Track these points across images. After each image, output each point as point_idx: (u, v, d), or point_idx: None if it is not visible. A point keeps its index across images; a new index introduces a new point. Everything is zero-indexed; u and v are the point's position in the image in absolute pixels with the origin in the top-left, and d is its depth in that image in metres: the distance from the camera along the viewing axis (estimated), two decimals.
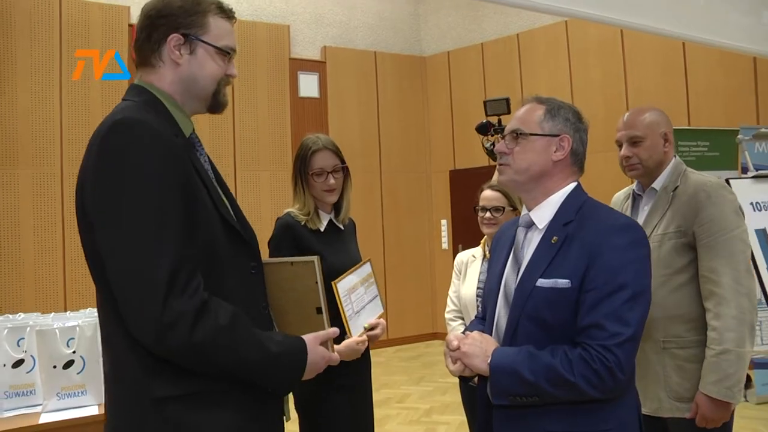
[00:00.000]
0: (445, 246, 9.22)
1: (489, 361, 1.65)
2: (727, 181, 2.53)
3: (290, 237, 2.50)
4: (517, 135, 1.77)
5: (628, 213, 2.61)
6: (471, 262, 3.09)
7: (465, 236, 8.30)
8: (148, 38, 1.63)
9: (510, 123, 1.84)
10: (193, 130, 1.69)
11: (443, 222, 9.29)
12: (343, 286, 2.35)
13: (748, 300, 2.32)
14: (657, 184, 2.52)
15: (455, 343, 1.73)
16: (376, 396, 6.25)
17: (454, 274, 3.18)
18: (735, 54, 5.19)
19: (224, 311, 1.49)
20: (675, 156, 2.57)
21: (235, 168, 7.91)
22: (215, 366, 1.49)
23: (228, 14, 1.70)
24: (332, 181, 2.57)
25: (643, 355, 2.36)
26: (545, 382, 1.58)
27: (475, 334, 1.74)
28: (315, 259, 1.77)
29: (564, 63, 7.95)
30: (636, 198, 2.63)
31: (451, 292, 3.17)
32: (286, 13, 8.59)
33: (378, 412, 5.85)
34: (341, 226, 2.67)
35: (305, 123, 8.50)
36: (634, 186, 2.66)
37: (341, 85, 8.86)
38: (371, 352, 2.69)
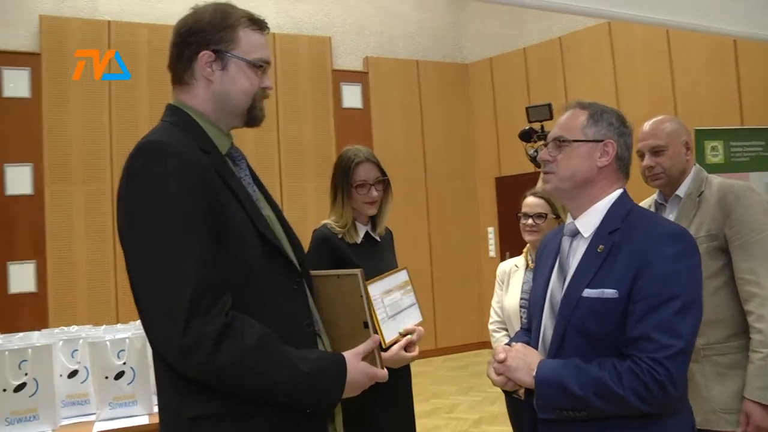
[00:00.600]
0: (492, 254, 9.14)
1: (534, 374, 1.61)
2: None
3: (327, 249, 2.50)
4: (560, 142, 1.74)
5: None
6: (513, 271, 3.04)
7: (512, 244, 8.20)
8: (180, 56, 1.61)
9: (553, 130, 1.80)
10: (232, 144, 1.67)
11: (490, 230, 9.21)
12: (376, 289, 2.32)
13: None
14: (681, 192, 2.50)
15: (502, 355, 1.69)
16: (425, 406, 6.25)
17: (496, 285, 3.13)
18: None
19: (251, 331, 1.44)
20: (695, 163, 2.55)
21: (280, 179, 8.00)
22: (243, 388, 1.45)
23: (260, 26, 1.67)
24: (375, 193, 2.56)
25: None
26: (593, 395, 1.53)
27: (519, 346, 1.71)
28: (359, 272, 1.73)
29: (608, 65, 7.82)
30: (659, 207, 2.60)
31: (494, 303, 3.12)
32: (327, 25, 8.67)
33: (427, 422, 5.85)
34: (378, 238, 2.66)
35: (349, 133, 8.54)
36: (656, 196, 2.63)
37: (384, 95, 8.89)
38: (417, 362, 2.65)
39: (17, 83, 6.83)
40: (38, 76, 6.91)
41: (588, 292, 1.61)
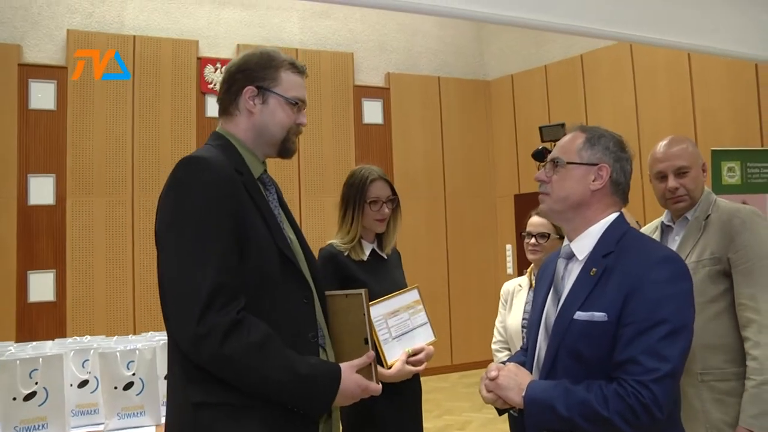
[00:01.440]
0: (510, 271, 9.10)
1: (523, 394, 1.64)
2: None
3: (333, 266, 2.53)
4: (555, 163, 1.77)
5: None
6: (517, 291, 3.04)
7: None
8: (228, 91, 1.85)
9: (552, 151, 1.83)
10: (265, 171, 1.88)
11: (508, 247, 9.18)
12: (378, 310, 2.36)
13: None
14: (689, 214, 2.47)
15: (494, 373, 1.72)
16: (437, 422, 6.23)
17: (500, 304, 3.13)
18: None
19: (257, 330, 1.62)
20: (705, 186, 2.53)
21: (300, 194, 8.06)
22: (243, 379, 1.61)
23: (299, 70, 1.88)
24: (387, 210, 2.62)
25: (680, 388, 2.26)
26: (580, 417, 1.54)
27: (511, 366, 1.73)
28: (363, 291, 1.87)
29: (629, 84, 7.79)
30: (665, 229, 2.58)
31: (497, 323, 3.12)
32: (350, 41, 8.75)
33: None
34: (384, 256, 2.69)
35: (370, 149, 8.60)
36: (663, 217, 2.60)
37: (405, 111, 8.93)
38: (433, 378, 2.67)
39: (43, 95, 6.98)
40: (64, 89, 7.05)
41: (579, 315, 1.63)
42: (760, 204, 4.28)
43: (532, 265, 2.96)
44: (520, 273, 8.58)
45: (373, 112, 8.76)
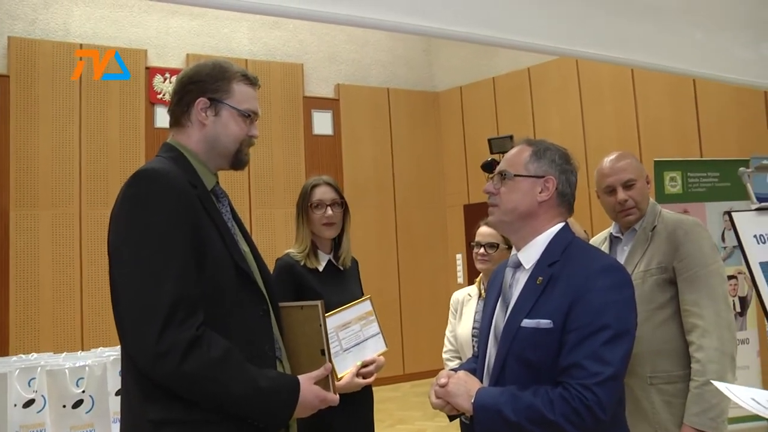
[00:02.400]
0: (460, 280, 9.19)
1: (473, 401, 1.68)
2: (729, 213, 2.53)
3: (289, 277, 2.54)
4: (503, 176, 1.81)
5: None
6: (467, 300, 3.09)
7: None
8: (179, 102, 1.82)
9: (500, 164, 1.88)
10: (217, 183, 1.86)
11: (458, 256, 9.28)
12: (330, 323, 2.37)
13: (729, 332, 2.36)
14: (637, 225, 2.57)
15: (443, 380, 1.76)
16: (391, 431, 6.22)
17: (450, 314, 3.17)
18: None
19: (217, 345, 1.60)
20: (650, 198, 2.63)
21: (250, 205, 8.00)
22: (205, 396, 1.59)
23: (252, 81, 1.87)
24: (330, 212, 2.62)
25: (630, 391, 2.36)
26: (527, 421, 1.59)
27: (461, 373, 1.77)
28: (319, 303, 1.87)
29: (575, 96, 7.99)
30: (613, 240, 2.67)
31: (447, 332, 3.15)
32: (299, 52, 8.75)
33: None
34: (341, 267, 2.70)
35: (319, 160, 8.59)
36: (611, 228, 2.69)
37: (355, 122, 8.97)
38: (385, 387, 2.69)
39: None
40: (5, 98, 6.86)
41: (526, 322, 1.68)
42: (700, 212, 4.43)
43: (482, 274, 3.01)
44: (471, 282, 8.65)
45: (322, 123, 8.77)
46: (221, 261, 1.69)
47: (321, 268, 2.63)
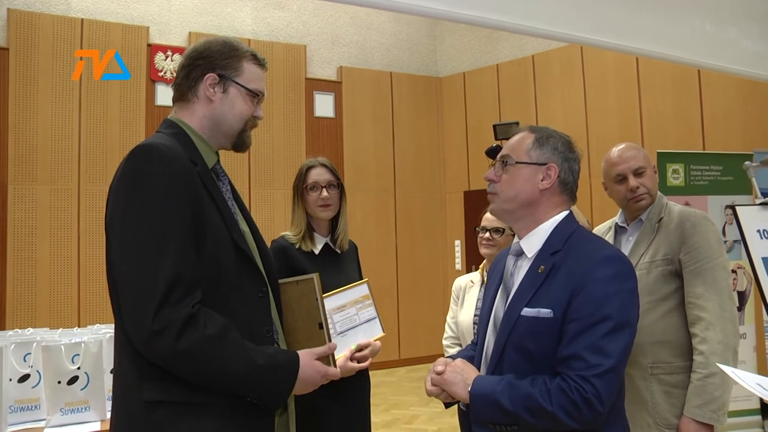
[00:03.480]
0: (458, 267, 9.20)
1: (469, 389, 1.67)
2: (734, 207, 2.52)
3: (284, 259, 2.51)
4: (505, 163, 1.79)
5: None
6: (469, 287, 3.06)
7: (479, 257, 8.28)
8: (187, 76, 1.79)
9: (501, 151, 1.86)
10: (218, 161, 1.84)
11: (457, 243, 9.27)
12: (326, 305, 2.35)
13: (732, 325, 2.37)
14: (643, 216, 2.58)
15: (440, 368, 1.76)
16: (385, 416, 6.25)
17: (452, 300, 3.14)
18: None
19: (213, 323, 1.58)
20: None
21: (249, 186, 7.98)
22: (202, 374, 1.57)
23: (261, 62, 1.87)
24: (326, 194, 2.60)
25: (630, 381, 2.39)
26: (524, 410, 1.58)
27: (458, 361, 1.76)
28: (314, 276, 1.87)
29: (579, 85, 7.95)
30: (618, 230, 2.67)
31: (448, 318, 3.13)
32: (302, 34, 8.69)
33: None
34: (338, 250, 2.67)
35: (320, 143, 8.56)
36: (617, 218, 2.70)
37: (357, 105, 8.92)
38: (380, 372, 2.68)
39: None
40: (4, 71, 6.80)
41: (526, 311, 1.66)
42: (701, 205, 4.42)
43: (485, 260, 2.98)
44: (469, 269, 8.70)
45: (324, 105, 8.73)
46: (221, 241, 1.67)
47: (317, 251, 2.60)
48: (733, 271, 4.32)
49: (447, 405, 1.87)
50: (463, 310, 3.02)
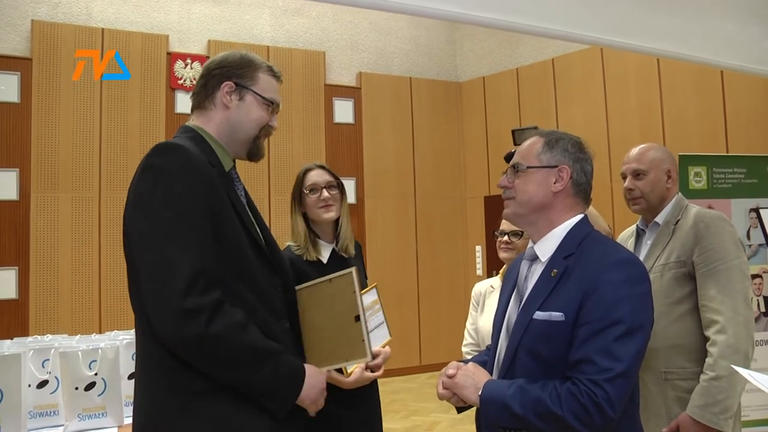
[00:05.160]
0: (479, 272, 9.14)
1: (479, 393, 1.66)
2: (758, 210, 2.48)
3: (292, 271, 2.48)
4: (516, 169, 1.80)
5: (631, 248, 2.63)
6: (489, 293, 3.02)
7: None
8: (205, 86, 1.87)
9: (513, 158, 1.87)
10: (233, 167, 1.90)
11: (478, 248, 9.21)
12: None
13: (745, 329, 2.32)
14: (660, 219, 2.56)
15: (452, 371, 1.76)
16: (405, 423, 6.22)
17: (471, 306, 3.10)
18: None
19: (238, 311, 1.63)
20: (678, 192, 2.60)
21: (269, 194, 7.99)
22: (225, 360, 1.60)
23: (276, 75, 1.93)
24: (326, 194, 2.56)
25: (644, 386, 2.35)
26: (534, 415, 1.57)
27: (470, 365, 1.76)
28: (353, 269, 1.91)
29: (599, 88, 7.87)
30: (639, 233, 2.66)
31: (468, 324, 3.09)
32: (322, 40, 8.70)
33: None
34: (344, 255, 2.62)
35: (340, 149, 8.56)
36: (639, 222, 2.69)
37: (376, 111, 8.91)
38: (401, 378, 2.66)
39: (7, 87, 6.81)
40: (28, 81, 6.89)
41: (538, 315, 1.66)
42: (725, 209, 4.35)
43: (505, 265, 2.95)
44: (490, 275, 8.63)
45: (344, 111, 8.73)
46: (238, 238, 1.72)
47: (324, 260, 2.55)
48: (758, 276, 4.23)
49: (459, 410, 1.87)
50: (483, 315, 2.98)
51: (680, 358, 2.39)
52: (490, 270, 8.76)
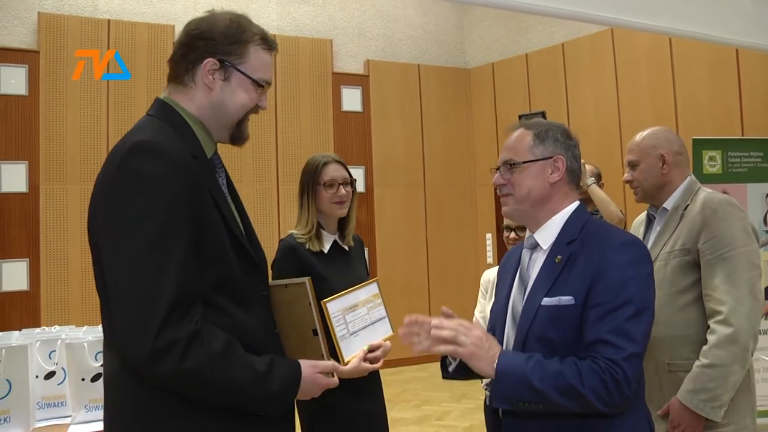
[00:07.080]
0: (490, 260, 9.09)
1: (495, 365, 1.60)
2: None
3: (294, 259, 2.48)
4: (510, 165, 1.79)
5: (641, 235, 2.58)
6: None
7: None
8: (185, 56, 1.63)
9: (502, 153, 1.84)
10: (216, 151, 1.70)
11: (488, 236, 9.16)
12: (336, 306, 2.29)
13: (747, 322, 2.23)
14: (668, 204, 2.48)
15: (437, 322, 1.68)
16: (416, 412, 6.20)
17: (480, 294, 3.06)
18: None
19: (217, 338, 1.49)
20: (690, 175, 2.51)
21: (277, 182, 7.96)
22: (207, 390, 1.49)
23: (270, 46, 1.69)
24: (343, 191, 2.57)
25: (648, 376, 2.27)
26: (554, 390, 1.55)
27: (480, 333, 1.66)
28: (306, 280, 1.80)
29: (610, 72, 7.77)
30: (651, 219, 2.60)
31: (476, 312, 3.05)
32: (329, 28, 8.64)
33: (416, 429, 5.80)
34: (346, 247, 2.64)
35: (348, 137, 8.52)
36: (648, 207, 2.64)
37: (384, 99, 8.86)
38: (412, 368, 2.63)
39: (14, 80, 6.80)
40: (36, 73, 6.89)
41: (546, 301, 1.67)
42: (740, 193, 4.27)
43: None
44: (500, 262, 8.57)
45: (352, 99, 8.68)
46: (222, 242, 1.56)
47: (326, 251, 2.56)
48: None
49: (448, 376, 1.88)
50: (492, 302, 2.94)
51: (685, 349, 2.32)
52: (500, 258, 8.71)
